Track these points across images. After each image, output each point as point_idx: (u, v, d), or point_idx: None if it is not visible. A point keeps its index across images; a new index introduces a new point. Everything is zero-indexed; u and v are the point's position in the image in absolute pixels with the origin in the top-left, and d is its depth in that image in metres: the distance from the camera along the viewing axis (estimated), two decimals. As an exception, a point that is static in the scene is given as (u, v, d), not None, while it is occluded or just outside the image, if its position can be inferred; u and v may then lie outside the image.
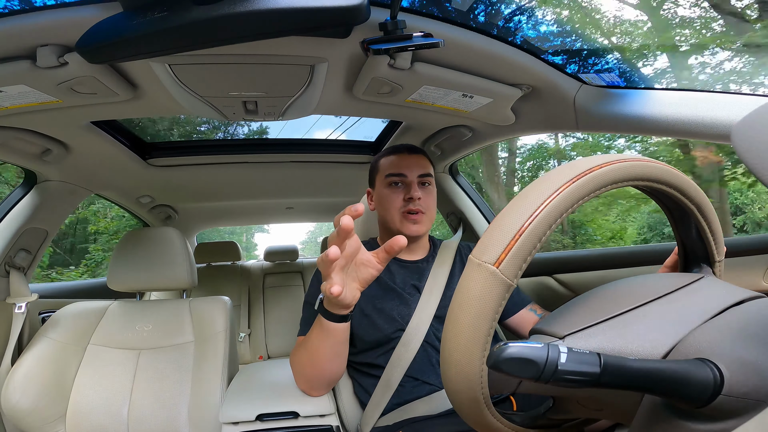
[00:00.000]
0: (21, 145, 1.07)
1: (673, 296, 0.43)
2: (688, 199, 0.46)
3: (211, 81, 0.87)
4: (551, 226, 0.39)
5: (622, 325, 0.40)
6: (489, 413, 0.43)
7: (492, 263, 0.39)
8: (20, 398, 1.04)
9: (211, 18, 0.58)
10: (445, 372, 0.43)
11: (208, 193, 2.00)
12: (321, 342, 0.80)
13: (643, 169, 0.43)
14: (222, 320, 1.21)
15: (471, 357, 0.40)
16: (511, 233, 0.39)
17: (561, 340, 0.42)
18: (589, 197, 0.40)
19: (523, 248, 0.39)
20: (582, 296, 0.47)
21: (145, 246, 1.26)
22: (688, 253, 0.52)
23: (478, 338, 0.40)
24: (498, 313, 0.40)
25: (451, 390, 0.43)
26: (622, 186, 0.43)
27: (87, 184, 1.45)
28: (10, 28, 0.66)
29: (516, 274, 0.39)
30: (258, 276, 2.87)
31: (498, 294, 0.39)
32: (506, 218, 0.40)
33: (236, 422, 0.89)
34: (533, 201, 0.40)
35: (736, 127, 0.35)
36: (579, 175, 0.40)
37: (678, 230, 0.51)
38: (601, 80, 0.92)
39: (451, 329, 0.41)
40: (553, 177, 0.41)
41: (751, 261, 1.08)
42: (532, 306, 1.05)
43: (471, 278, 0.40)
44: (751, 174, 0.31)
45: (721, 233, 0.50)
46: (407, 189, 1.01)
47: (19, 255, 1.25)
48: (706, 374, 0.32)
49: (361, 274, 0.71)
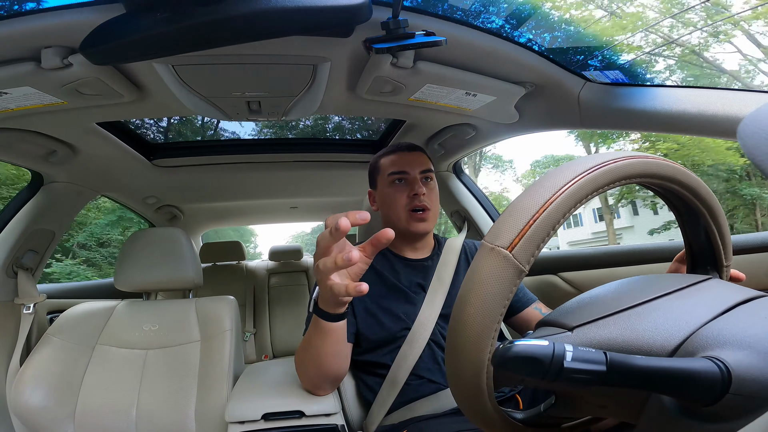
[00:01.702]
0: (27, 147, 1.08)
1: (683, 292, 0.42)
2: (699, 201, 0.46)
3: (214, 81, 0.87)
4: (565, 214, 0.39)
5: (633, 317, 0.40)
6: (491, 406, 0.43)
7: (505, 247, 0.39)
8: (29, 398, 1.05)
9: (214, 19, 0.58)
10: (452, 359, 0.42)
11: (213, 194, 2.01)
12: (320, 342, 0.80)
13: (658, 167, 0.42)
14: (228, 320, 1.21)
15: (479, 344, 0.39)
16: (525, 219, 0.39)
17: (570, 331, 0.41)
18: (602, 190, 0.40)
19: (536, 234, 0.38)
20: (590, 291, 0.47)
21: (151, 246, 1.27)
22: (696, 255, 0.51)
23: (488, 323, 0.39)
24: (508, 299, 0.39)
25: (455, 378, 0.42)
26: (636, 182, 0.43)
27: (93, 185, 1.46)
28: (14, 30, 0.66)
29: (528, 260, 0.39)
30: (263, 275, 2.88)
31: (510, 279, 0.39)
32: (521, 204, 0.40)
33: (242, 421, 0.89)
34: (549, 188, 0.40)
35: (743, 124, 0.34)
36: (596, 166, 0.40)
37: (686, 232, 0.51)
38: (605, 77, 0.92)
39: (461, 314, 0.40)
40: (571, 166, 0.41)
41: (759, 259, 1.07)
42: (537, 304, 1.05)
43: (483, 262, 0.40)
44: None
45: (730, 238, 0.50)
46: (411, 186, 1.01)
47: (27, 256, 1.26)
48: (714, 372, 0.31)
49: (352, 270, 0.70)
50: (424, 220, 1.00)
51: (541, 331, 0.45)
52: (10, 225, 1.23)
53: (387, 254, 1.05)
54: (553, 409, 0.46)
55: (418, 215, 1.00)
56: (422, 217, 1.00)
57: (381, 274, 1.01)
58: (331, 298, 0.70)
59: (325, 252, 0.63)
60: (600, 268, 1.41)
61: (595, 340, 0.39)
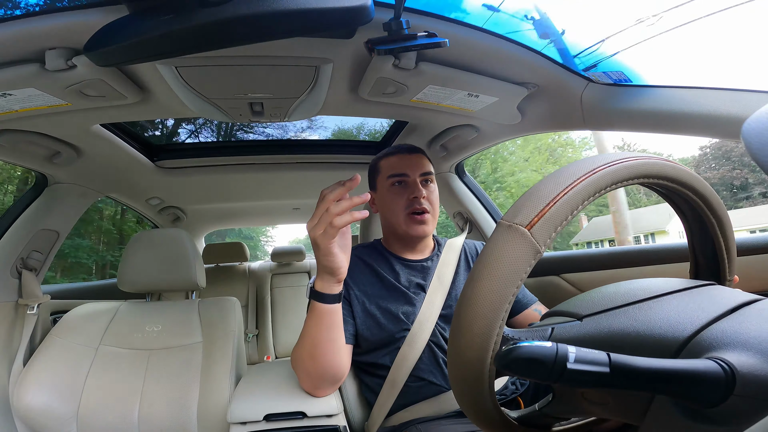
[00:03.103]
0: (31, 148, 1.09)
1: (692, 291, 0.43)
2: (710, 211, 0.46)
3: (217, 82, 0.88)
4: (584, 201, 0.39)
5: (645, 309, 0.40)
6: (490, 399, 0.42)
7: (524, 225, 0.38)
8: (32, 398, 1.05)
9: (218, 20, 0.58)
10: (457, 340, 0.41)
11: (216, 195, 2.01)
12: (316, 329, 0.82)
13: (676, 171, 0.43)
14: (230, 321, 1.21)
15: (488, 325, 0.39)
16: (546, 199, 0.39)
17: (580, 320, 0.41)
18: (622, 184, 0.41)
19: (557, 215, 0.38)
20: (600, 288, 0.47)
21: (154, 247, 1.27)
22: (700, 268, 0.51)
23: (500, 303, 0.38)
24: (522, 279, 0.39)
25: (458, 361, 0.41)
26: (653, 182, 0.43)
27: (97, 186, 1.47)
28: (18, 31, 0.67)
29: (546, 241, 0.38)
30: (265, 276, 2.89)
31: (526, 257, 0.38)
32: (542, 187, 0.40)
33: (244, 422, 0.89)
34: (573, 173, 0.40)
35: (747, 124, 0.34)
36: (621, 160, 0.41)
37: (693, 243, 0.51)
38: (608, 78, 0.91)
39: (471, 292, 0.39)
40: (596, 158, 0.42)
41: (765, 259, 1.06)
42: (537, 306, 1.04)
43: (499, 239, 0.39)
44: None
45: (736, 253, 0.49)
46: (411, 189, 1.01)
47: (31, 256, 1.27)
48: (718, 373, 0.31)
49: (344, 240, 0.80)
50: (423, 223, 1.00)
51: (550, 320, 0.45)
52: (15, 226, 1.23)
53: (386, 255, 1.05)
54: (550, 407, 0.45)
55: (417, 218, 1.00)
56: (421, 219, 1.00)
57: (380, 275, 1.00)
58: (324, 255, 0.77)
59: (328, 205, 0.73)
60: (603, 270, 1.41)
61: (604, 329, 0.39)
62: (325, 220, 0.73)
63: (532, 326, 0.44)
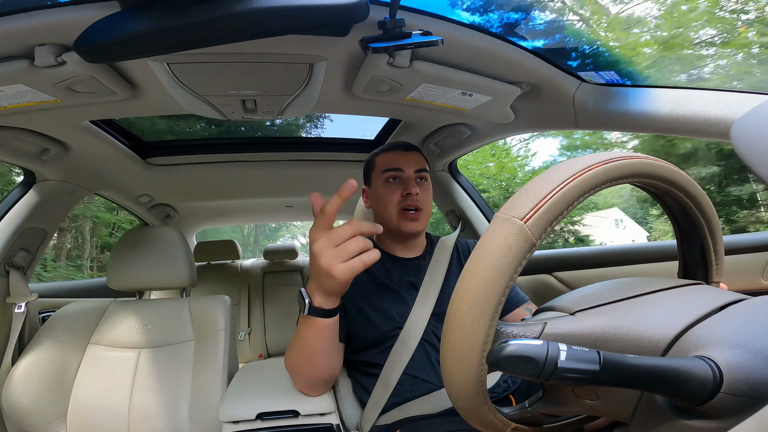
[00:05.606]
0: (19, 145, 1.07)
1: (681, 290, 0.43)
2: (700, 212, 0.47)
3: (209, 79, 0.87)
4: (579, 197, 0.40)
5: (636, 305, 0.41)
6: (482, 396, 0.42)
7: (520, 218, 0.39)
8: (21, 398, 1.04)
9: (210, 17, 0.58)
10: (451, 332, 0.41)
11: (207, 192, 2.00)
12: (316, 341, 0.80)
13: (668, 172, 0.44)
14: (222, 319, 1.21)
15: (481, 316, 0.39)
16: (542, 193, 0.39)
17: (572, 315, 0.42)
18: (615, 182, 0.42)
19: (553, 208, 0.39)
20: (592, 285, 0.48)
21: (144, 245, 1.26)
22: (688, 267, 0.52)
23: (494, 293, 0.39)
24: (517, 272, 0.39)
25: (451, 356, 0.41)
26: (645, 182, 0.44)
27: (86, 184, 1.45)
28: (7, 27, 0.66)
29: (541, 234, 0.39)
30: (257, 275, 2.87)
31: (521, 250, 0.39)
32: (538, 182, 0.41)
33: (236, 421, 0.89)
34: (568, 170, 0.40)
35: (736, 125, 0.35)
36: (614, 159, 0.41)
37: (683, 246, 0.52)
38: (601, 78, 0.92)
39: (466, 283, 0.40)
40: (591, 157, 0.42)
41: (750, 259, 1.08)
42: (528, 305, 1.05)
43: (495, 231, 0.40)
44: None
45: (723, 256, 0.50)
46: (404, 185, 1.01)
47: (18, 254, 1.25)
48: (705, 372, 0.32)
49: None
50: (415, 220, 1.00)
51: (541, 315, 0.45)
52: (2, 224, 1.21)
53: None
54: (541, 404, 0.46)
55: (410, 215, 1.00)
56: (414, 216, 1.00)
57: (372, 273, 1.00)
58: (338, 285, 0.70)
59: (329, 221, 0.69)
60: (594, 268, 1.42)
61: (597, 324, 0.40)
62: (342, 255, 0.68)
63: (525, 320, 0.45)
